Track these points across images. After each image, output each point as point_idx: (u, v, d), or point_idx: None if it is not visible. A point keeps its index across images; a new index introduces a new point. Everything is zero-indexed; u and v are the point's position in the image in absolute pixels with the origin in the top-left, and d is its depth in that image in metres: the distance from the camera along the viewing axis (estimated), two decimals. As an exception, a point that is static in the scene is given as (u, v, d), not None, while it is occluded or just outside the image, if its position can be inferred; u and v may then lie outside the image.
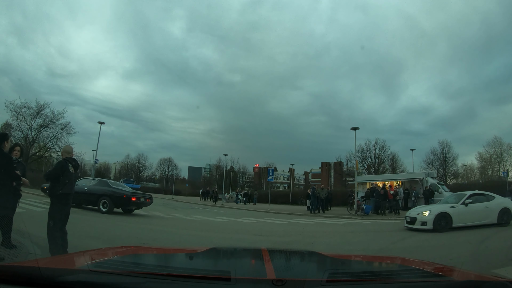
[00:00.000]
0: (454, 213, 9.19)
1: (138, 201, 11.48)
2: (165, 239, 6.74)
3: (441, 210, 9.24)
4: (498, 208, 9.41)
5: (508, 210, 9.48)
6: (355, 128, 16.79)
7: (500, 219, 9.28)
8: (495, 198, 9.82)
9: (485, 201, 9.65)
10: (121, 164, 64.98)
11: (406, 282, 1.43)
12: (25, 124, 28.31)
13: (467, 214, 9.22)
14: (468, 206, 9.34)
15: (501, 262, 4.45)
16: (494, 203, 9.58)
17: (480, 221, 9.13)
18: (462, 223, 9.06)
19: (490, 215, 9.30)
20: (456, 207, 9.36)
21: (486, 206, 9.44)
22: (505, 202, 9.92)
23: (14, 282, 1.15)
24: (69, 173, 4.40)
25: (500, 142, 36.53)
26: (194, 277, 1.25)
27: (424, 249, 6.47)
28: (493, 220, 9.23)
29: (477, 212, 9.26)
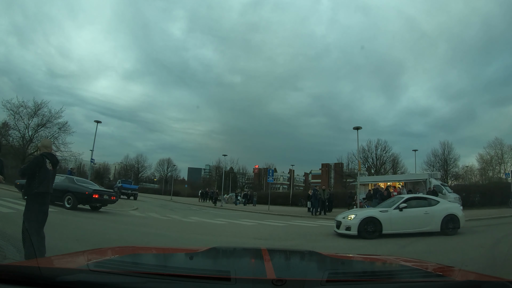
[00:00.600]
0: (384, 218, 8.21)
1: (101, 198, 11.61)
2: (157, 243, 6.29)
3: (368, 214, 8.38)
4: (441, 214, 8.31)
5: (455, 217, 8.37)
6: (358, 128, 16.40)
7: (444, 227, 8.19)
8: (439, 203, 8.78)
9: (426, 206, 8.61)
10: (121, 165, 64.54)
11: (406, 282, 1.42)
12: (22, 123, 27.98)
13: (401, 220, 8.23)
14: (403, 211, 8.32)
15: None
16: (436, 209, 8.49)
17: (418, 229, 8.16)
18: (395, 230, 8.11)
19: (431, 222, 8.26)
20: (388, 212, 8.40)
21: (427, 211, 8.38)
22: (452, 207, 8.86)
23: (14, 282, 1.14)
24: (46, 170, 3.95)
25: (501, 144, 36.42)
26: (194, 277, 1.25)
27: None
28: (435, 228, 8.20)
29: (414, 218, 8.30)
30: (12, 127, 28.31)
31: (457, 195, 18.33)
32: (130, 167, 62.36)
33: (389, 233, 8.05)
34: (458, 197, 18.25)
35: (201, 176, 72.42)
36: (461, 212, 8.70)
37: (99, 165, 62.56)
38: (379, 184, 19.93)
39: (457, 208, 8.88)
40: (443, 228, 8.22)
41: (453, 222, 8.32)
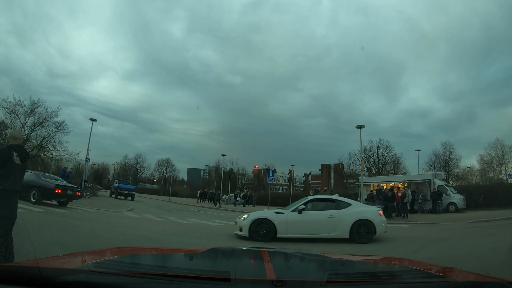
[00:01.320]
0: (279, 220, 7.42)
1: (64, 193, 11.94)
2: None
3: (260, 215, 7.66)
4: (351, 219, 7.30)
5: (369, 223, 7.32)
6: (361, 126, 15.95)
7: (354, 234, 7.24)
8: (350, 206, 7.73)
9: (332, 208, 7.62)
10: (120, 165, 64.11)
11: (406, 282, 1.44)
12: (19, 122, 27.50)
13: (299, 223, 7.41)
14: (302, 214, 7.48)
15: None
16: (345, 212, 7.47)
17: (321, 234, 7.27)
18: (291, 234, 7.32)
19: (338, 227, 7.29)
20: (284, 214, 7.64)
21: (332, 215, 7.40)
22: (365, 211, 7.73)
23: (14, 282, 1.15)
24: (13, 164, 3.42)
25: (501, 144, 36.16)
26: (194, 277, 1.25)
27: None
28: (343, 234, 7.27)
29: (316, 222, 7.40)
30: (9, 126, 27.86)
31: (461, 196, 17.92)
32: (129, 168, 61.94)
33: (286, 237, 7.27)
34: (462, 198, 17.85)
35: (200, 177, 71.96)
36: (379, 217, 7.62)
37: (98, 165, 62.24)
38: (382, 184, 19.49)
39: (373, 212, 7.74)
40: (353, 235, 7.25)
41: (367, 228, 7.29)
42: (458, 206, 17.38)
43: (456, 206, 17.36)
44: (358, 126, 16.04)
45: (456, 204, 17.42)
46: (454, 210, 17.15)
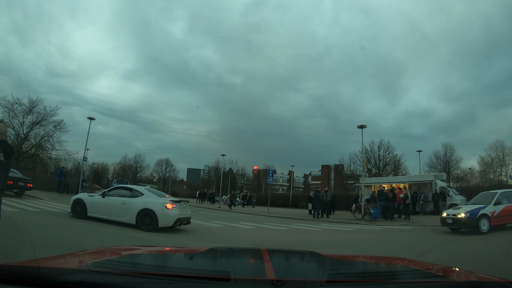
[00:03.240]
0: (89, 201, 8.71)
1: (15, 185, 13.05)
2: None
3: (78, 197, 9.16)
4: (138, 208, 8.00)
5: (152, 213, 7.83)
6: (362, 126, 15.71)
7: (139, 221, 7.90)
8: (142, 196, 8.33)
9: (127, 196, 8.41)
10: (119, 165, 63.87)
11: (406, 282, 1.43)
12: (17, 121, 27.27)
13: (101, 206, 8.50)
14: (105, 198, 8.60)
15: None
16: (135, 201, 8.15)
17: (115, 217, 8.20)
18: (97, 214, 8.48)
19: (127, 213, 8.06)
20: (93, 196, 8.91)
21: (125, 202, 8.23)
22: (150, 202, 8.08)
23: (14, 282, 1.15)
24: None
25: (502, 146, 36.02)
26: (194, 277, 1.25)
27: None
28: (131, 220, 7.99)
29: (112, 207, 8.32)
30: (7, 125, 27.60)
31: (463, 197, 17.74)
32: (128, 167, 61.67)
33: (97, 217, 8.43)
34: (464, 199, 17.65)
35: (200, 177, 71.69)
36: (164, 209, 7.96)
37: (97, 165, 61.98)
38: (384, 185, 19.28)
39: (158, 204, 8.07)
40: (138, 222, 7.95)
41: (150, 217, 7.90)
42: (460, 208, 17.19)
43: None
44: (360, 126, 15.81)
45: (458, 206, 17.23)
46: (456, 211, 16.97)
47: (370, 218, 14.29)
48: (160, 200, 8.29)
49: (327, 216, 16.40)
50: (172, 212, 8.04)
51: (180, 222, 8.33)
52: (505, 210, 9.44)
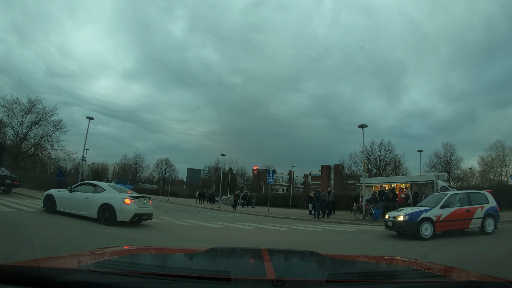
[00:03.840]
0: (58, 196, 9.05)
1: (2, 182, 13.62)
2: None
3: (48, 192, 9.32)
4: (99, 203, 8.32)
5: (111, 207, 8.16)
6: (363, 126, 15.59)
7: (100, 216, 8.23)
8: (104, 191, 8.67)
9: (91, 192, 8.73)
10: (119, 165, 63.73)
11: (407, 282, 1.44)
12: (16, 121, 27.14)
13: (68, 200, 8.85)
14: (72, 193, 8.95)
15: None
16: (97, 196, 8.50)
17: (80, 212, 8.54)
18: (65, 208, 8.80)
19: (90, 207, 8.41)
20: (62, 192, 9.22)
21: (88, 197, 8.59)
22: (110, 197, 8.39)
23: (14, 282, 1.14)
24: None
25: (502, 146, 35.98)
26: (194, 277, 1.25)
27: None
28: (92, 214, 8.32)
29: (78, 201, 8.67)
30: (6, 124, 27.47)
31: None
32: (128, 167, 61.52)
33: (65, 211, 8.72)
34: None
35: (200, 177, 71.53)
36: (123, 204, 8.23)
37: (97, 165, 61.83)
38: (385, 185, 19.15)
39: (116, 199, 8.34)
40: (99, 216, 8.23)
41: (109, 212, 8.19)
42: (462, 208, 17.05)
43: (459, 208, 17.03)
44: (361, 125, 15.68)
45: (459, 206, 17.10)
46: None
47: (371, 219, 14.17)
48: (119, 195, 8.52)
49: (327, 216, 16.29)
50: (130, 207, 8.29)
51: (138, 217, 8.56)
52: (454, 214, 8.59)
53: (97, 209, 8.26)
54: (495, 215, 8.95)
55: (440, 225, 8.44)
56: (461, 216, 8.64)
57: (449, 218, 8.52)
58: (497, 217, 9.00)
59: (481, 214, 8.76)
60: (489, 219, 8.81)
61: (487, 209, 8.87)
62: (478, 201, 9.07)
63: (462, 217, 8.64)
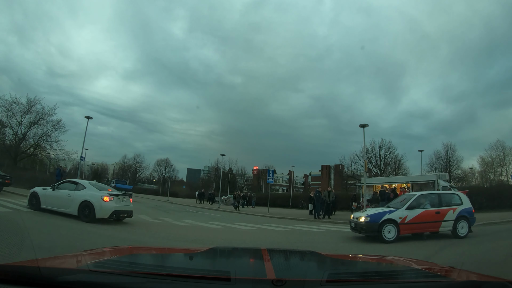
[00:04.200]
0: (42, 194, 9.18)
1: None
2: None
3: (33, 190, 9.43)
4: (79, 200, 8.46)
5: (91, 205, 8.28)
6: (364, 125, 15.45)
7: (80, 213, 8.35)
8: (84, 189, 8.83)
9: (72, 189, 8.90)
10: (119, 165, 63.62)
11: (407, 282, 1.44)
12: (15, 120, 26.99)
13: (52, 198, 8.95)
14: (55, 191, 9.06)
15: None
16: (78, 194, 8.66)
17: (62, 209, 8.66)
18: (48, 206, 8.93)
19: (71, 205, 8.55)
20: (46, 189, 9.30)
21: (70, 195, 8.74)
22: (89, 195, 8.53)
23: (14, 282, 1.15)
24: None
25: (503, 146, 35.91)
26: (194, 277, 1.25)
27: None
28: (73, 211, 8.46)
29: (60, 199, 8.81)
30: (5, 124, 27.34)
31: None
32: (128, 167, 61.40)
33: (48, 209, 8.84)
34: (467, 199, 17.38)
35: (200, 177, 71.41)
36: (101, 202, 8.37)
37: (97, 165, 61.68)
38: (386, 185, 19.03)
39: (95, 196, 8.49)
40: (79, 213, 8.36)
41: (89, 209, 8.30)
42: (463, 208, 16.93)
43: (461, 208, 16.91)
44: (362, 125, 15.55)
45: (461, 206, 16.98)
46: (459, 212, 16.72)
47: (372, 219, 14.04)
48: (99, 193, 8.64)
49: (328, 216, 16.16)
50: (109, 204, 8.41)
51: (117, 214, 8.68)
52: (422, 216, 8.05)
53: (77, 206, 8.38)
54: (470, 218, 8.38)
55: (405, 227, 7.95)
56: (429, 218, 8.12)
57: (416, 220, 8.01)
58: (471, 220, 8.44)
59: (453, 216, 8.21)
60: (462, 222, 8.25)
61: (460, 211, 8.33)
62: (450, 202, 8.56)
63: (430, 219, 8.11)
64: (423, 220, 8.07)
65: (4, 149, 26.90)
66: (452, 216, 8.22)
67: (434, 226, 8.20)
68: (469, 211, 8.50)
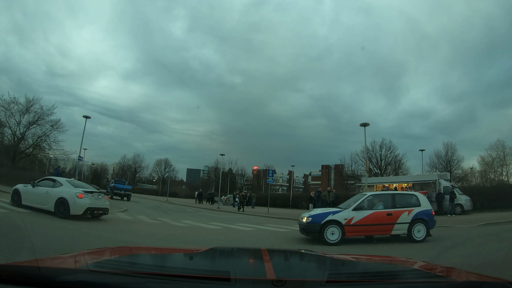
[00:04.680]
0: (23, 191, 9.37)
1: None
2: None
3: (15, 187, 9.62)
4: (56, 197, 8.67)
5: (66, 201, 8.50)
6: (365, 124, 15.33)
7: (56, 209, 8.58)
8: (61, 186, 9.05)
9: (50, 187, 9.13)
10: (119, 165, 63.46)
11: (406, 282, 1.44)
12: (14, 120, 26.82)
13: (31, 195, 9.18)
14: (34, 188, 9.28)
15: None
16: (55, 191, 8.90)
17: (41, 205, 8.87)
18: (28, 202, 9.14)
19: (48, 201, 8.77)
20: (27, 187, 9.46)
21: (47, 191, 8.96)
22: (64, 192, 8.76)
23: (14, 282, 1.15)
24: None
25: (503, 145, 35.77)
26: (194, 277, 1.25)
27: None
28: (50, 208, 8.68)
29: (39, 196, 9.02)
30: (3, 124, 27.18)
31: (467, 198, 17.39)
32: (128, 168, 61.23)
33: (28, 205, 9.03)
34: (469, 199, 17.30)
35: (200, 177, 71.24)
36: (76, 199, 8.59)
37: (97, 165, 61.47)
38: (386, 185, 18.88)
39: (70, 193, 8.71)
40: (56, 210, 8.56)
41: (64, 206, 8.52)
42: (465, 208, 16.87)
43: (462, 208, 16.84)
44: (363, 124, 15.41)
45: (462, 206, 16.90)
46: (460, 212, 16.62)
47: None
48: (74, 190, 8.86)
49: (328, 216, 15.95)
50: (83, 201, 8.63)
51: (91, 211, 8.88)
52: (371, 218, 7.51)
53: (54, 203, 8.57)
54: (428, 221, 7.76)
55: (350, 229, 7.42)
56: (379, 221, 7.56)
57: (363, 222, 7.46)
58: (430, 223, 7.80)
59: (408, 219, 7.63)
60: (419, 225, 7.67)
61: (417, 214, 7.71)
62: (406, 204, 7.96)
63: (381, 221, 7.55)
64: (371, 222, 7.52)
65: (3, 149, 26.75)
66: (406, 219, 7.65)
67: (385, 229, 7.65)
68: (427, 213, 7.89)
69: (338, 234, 7.33)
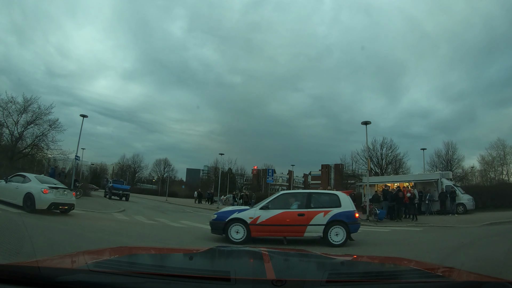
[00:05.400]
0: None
1: None
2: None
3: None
4: (24, 191, 9.07)
5: (32, 196, 8.88)
6: (366, 123, 15.09)
7: (24, 203, 8.98)
8: (29, 182, 9.45)
9: (20, 182, 9.52)
10: (118, 165, 63.24)
11: (406, 282, 1.44)
12: (11, 120, 26.57)
13: (4, 190, 9.59)
14: (7, 183, 9.72)
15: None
16: (24, 186, 9.30)
17: (11, 200, 9.29)
18: (1, 197, 9.56)
19: (18, 196, 9.17)
20: (1, 182, 9.87)
21: (17, 187, 9.38)
22: (31, 187, 9.13)
23: (14, 282, 1.15)
24: None
25: (503, 145, 35.60)
26: (194, 277, 1.25)
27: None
28: (19, 202, 9.07)
29: (10, 190, 9.47)
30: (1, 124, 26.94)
31: (470, 197, 17.19)
32: (127, 168, 61.01)
33: (1, 199, 9.45)
34: (471, 198, 17.09)
35: (199, 177, 71.05)
36: (41, 193, 8.88)
37: (96, 165, 61.19)
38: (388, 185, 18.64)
39: (37, 189, 9.06)
40: (24, 204, 8.93)
41: (30, 200, 8.87)
42: (467, 207, 16.66)
43: (465, 207, 16.64)
44: (364, 122, 15.17)
45: (465, 205, 16.69)
46: (463, 211, 16.41)
47: (375, 219, 13.66)
48: (40, 185, 9.23)
49: (329, 216, 15.73)
50: (48, 196, 8.98)
51: (55, 206, 9.22)
52: (279, 218, 6.97)
53: (22, 197, 8.97)
54: (349, 223, 7.03)
55: (256, 229, 6.92)
56: (289, 221, 6.97)
57: (271, 222, 6.94)
58: (352, 226, 7.10)
59: (324, 220, 6.95)
60: (337, 228, 6.96)
61: (335, 215, 7.01)
62: (323, 204, 7.29)
63: (291, 222, 6.95)
64: (279, 222, 6.97)
65: (1, 149, 26.52)
66: (322, 220, 6.96)
67: (296, 230, 7.04)
68: (348, 215, 7.14)
69: (243, 233, 6.93)
